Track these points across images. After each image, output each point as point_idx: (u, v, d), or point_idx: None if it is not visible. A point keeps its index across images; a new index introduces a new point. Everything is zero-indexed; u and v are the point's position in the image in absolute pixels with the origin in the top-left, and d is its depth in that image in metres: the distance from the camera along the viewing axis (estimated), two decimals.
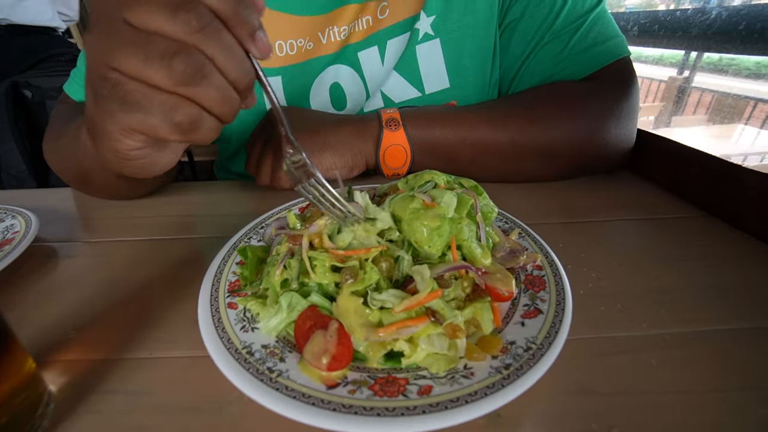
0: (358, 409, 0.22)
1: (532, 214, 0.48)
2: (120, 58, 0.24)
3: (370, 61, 0.62)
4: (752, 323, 0.32)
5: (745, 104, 2.10)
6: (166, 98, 0.25)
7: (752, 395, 0.26)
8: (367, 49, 0.61)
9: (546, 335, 0.27)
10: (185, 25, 0.24)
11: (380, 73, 0.63)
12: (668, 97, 2.13)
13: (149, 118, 0.25)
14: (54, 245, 0.46)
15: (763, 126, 1.96)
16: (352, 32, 0.61)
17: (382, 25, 0.60)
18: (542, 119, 0.53)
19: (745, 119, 2.01)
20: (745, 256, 0.40)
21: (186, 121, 0.26)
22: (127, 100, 0.25)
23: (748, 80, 1.70)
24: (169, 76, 0.24)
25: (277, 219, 0.43)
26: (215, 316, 0.30)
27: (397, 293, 0.27)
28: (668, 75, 2.25)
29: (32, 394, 0.25)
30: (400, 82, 0.62)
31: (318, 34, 0.60)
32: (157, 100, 0.25)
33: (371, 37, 0.61)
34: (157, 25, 0.24)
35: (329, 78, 0.63)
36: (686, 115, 2.23)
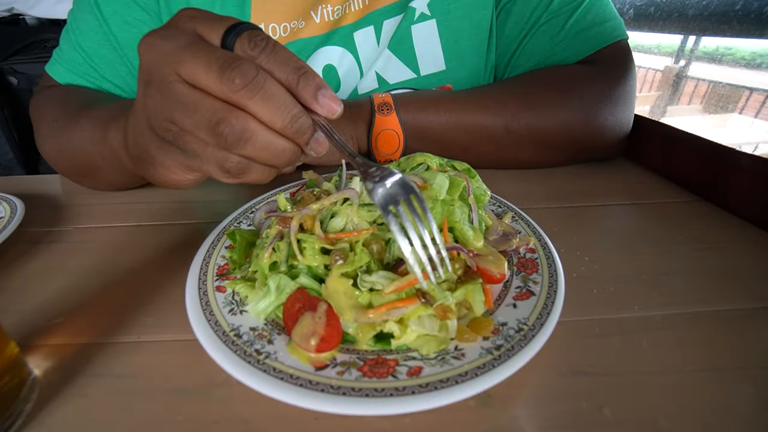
0: (347, 390, 0.22)
1: (527, 199, 0.48)
2: (175, 118, 0.27)
3: (365, 41, 0.61)
4: (740, 305, 0.32)
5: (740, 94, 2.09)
6: (218, 153, 0.27)
7: (740, 374, 0.26)
8: (364, 28, 0.60)
9: (538, 317, 0.27)
10: (230, 83, 0.25)
11: (375, 53, 0.62)
12: (664, 86, 2.13)
13: (205, 165, 0.28)
14: (41, 231, 0.46)
15: (757, 115, 1.96)
16: (346, 12, 0.59)
17: (378, 5, 0.59)
18: (537, 105, 0.52)
19: (740, 109, 2.01)
20: (735, 240, 0.40)
21: (236, 170, 0.28)
22: (187, 149, 0.28)
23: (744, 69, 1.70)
24: (216, 141, 0.26)
25: (267, 203, 0.43)
26: (203, 299, 0.29)
27: (387, 275, 0.27)
28: (664, 64, 2.24)
29: (14, 379, 0.25)
30: (395, 62, 0.61)
31: (310, 12, 0.59)
32: (210, 154, 0.27)
33: (367, 16, 0.60)
34: (205, 84, 0.25)
35: (322, 59, 0.61)
36: (682, 105, 2.23)
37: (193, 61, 0.25)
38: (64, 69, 0.58)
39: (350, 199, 0.31)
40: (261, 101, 0.25)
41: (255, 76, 0.25)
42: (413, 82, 0.63)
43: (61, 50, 0.59)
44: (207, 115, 0.25)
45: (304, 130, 0.27)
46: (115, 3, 0.55)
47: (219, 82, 0.25)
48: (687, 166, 0.50)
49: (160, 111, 0.27)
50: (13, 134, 1.13)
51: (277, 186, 0.47)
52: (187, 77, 0.26)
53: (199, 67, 0.25)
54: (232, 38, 0.26)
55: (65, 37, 0.58)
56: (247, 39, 0.26)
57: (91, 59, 0.57)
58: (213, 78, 0.25)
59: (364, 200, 0.32)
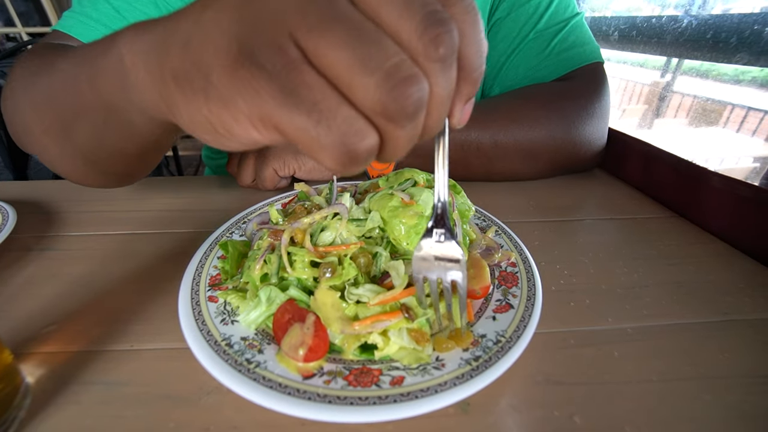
0: (332, 398, 0.23)
1: (511, 213, 0.50)
2: (319, 34, 0.16)
3: None
4: (705, 318, 0.34)
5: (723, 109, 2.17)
6: (355, 120, 0.17)
7: (703, 383, 0.28)
8: None
9: (515, 329, 0.28)
10: (432, 44, 0.17)
11: None
12: (651, 100, 2.19)
13: (318, 127, 0.17)
14: (32, 238, 0.46)
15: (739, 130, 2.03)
16: None
17: None
18: (522, 119, 0.55)
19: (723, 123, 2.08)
20: (707, 255, 0.43)
21: (362, 151, 0.18)
22: (296, 93, 0.17)
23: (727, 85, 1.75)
24: (380, 99, 0.17)
25: (259, 214, 0.44)
26: (195, 309, 0.30)
27: (374, 288, 0.28)
28: (651, 79, 2.31)
29: (8, 386, 0.25)
30: None
31: None
32: (341, 117, 0.17)
33: None
34: (396, 26, 0.17)
35: None
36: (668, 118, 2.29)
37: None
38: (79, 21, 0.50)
39: (340, 214, 0.32)
40: (444, 89, 0.18)
41: (454, 53, 0.18)
42: None
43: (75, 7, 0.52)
44: (391, 55, 0.16)
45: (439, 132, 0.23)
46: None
47: (417, 38, 0.17)
48: (664, 182, 0.53)
49: (285, 21, 0.17)
50: (2, 138, 1.12)
51: (268, 197, 0.49)
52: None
53: (396, 1, 0.17)
54: None
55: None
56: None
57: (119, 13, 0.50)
58: (411, 27, 0.17)
59: (354, 215, 0.33)
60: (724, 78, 1.43)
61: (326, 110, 0.17)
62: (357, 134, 0.17)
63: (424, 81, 0.17)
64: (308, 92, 0.17)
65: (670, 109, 2.13)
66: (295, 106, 0.17)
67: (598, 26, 0.85)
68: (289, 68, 0.17)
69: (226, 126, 0.19)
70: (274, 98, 0.17)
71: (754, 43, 0.49)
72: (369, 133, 0.18)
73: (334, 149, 0.17)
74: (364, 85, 0.16)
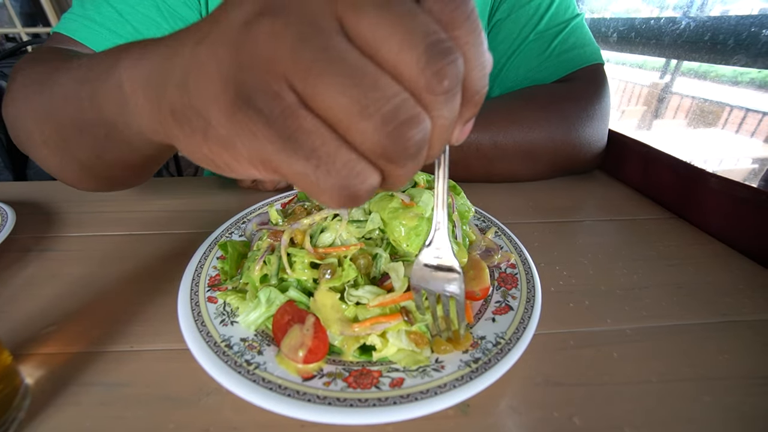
0: (332, 400, 0.23)
1: (511, 214, 0.50)
2: (314, 79, 0.16)
3: None
4: (704, 319, 0.34)
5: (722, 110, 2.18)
6: (356, 163, 0.17)
7: (703, 385, 0.28)
8: None
9: (515, 331, 0.29)
10: (436, 79, 0.16)
11: None
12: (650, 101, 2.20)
13: (317, 172, 0.17)
14: (31, 238, 0.46)
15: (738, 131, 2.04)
16: None
17: None
18: (522, 120, 0.55)
19: (722, 124, 2.09)
20: (706, 256, 0.43)
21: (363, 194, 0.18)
22: (294, 139, 0.16)
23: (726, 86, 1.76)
24: (380, 143, 0.16)
25: (258, 215, 0.44)
26: (195, 309, 0.30)
27: (373, 290, 0.28)
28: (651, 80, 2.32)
29: (7, 387, 0.25)
30: None
31: None
32: (341, 162, 0.17)
33: None
34: (395, 61, 0.16)
35: None
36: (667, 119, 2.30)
37: (380, 17, 0.16)
38: (81, 24, 0.50)
39: (339, 216, 0.32)
40: (446, 122, 0.17)
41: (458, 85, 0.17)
42: None
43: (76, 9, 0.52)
44: (389, 97, 0.16)
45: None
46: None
47: (419, 73, 0.16)
48: (663, 183, 0.53)
49: (276, 66, 0.16)
50: (1, 138, 1.12)
51: (267, 197, 0.49)
52: (357, 35, 0.16)
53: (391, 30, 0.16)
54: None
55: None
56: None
57: (122, 16, 0.50)
58: (412, 60, 0.16)
59: (353, 216, 0.33)
60: (722, 79, 1.44)
61: (325, 155, 0.16)
62: (357, 177, 0.17)
63: (426, 120, 0.17)
64: (306, 138, 0.16)
65: (669, 110, 2.13)
66: (293, 152, 0.17)
67: (597, 28, 0.85)
68: (286, 114, 0.16)
69: (227, 164, 0.19)
70: (273, 144, 0.17)
71: (751, 45, 0.49)
72: (370, 175, 0.17)
73: (334, 192, 0.17)
74: (363, 130, 0.16)
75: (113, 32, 0.50)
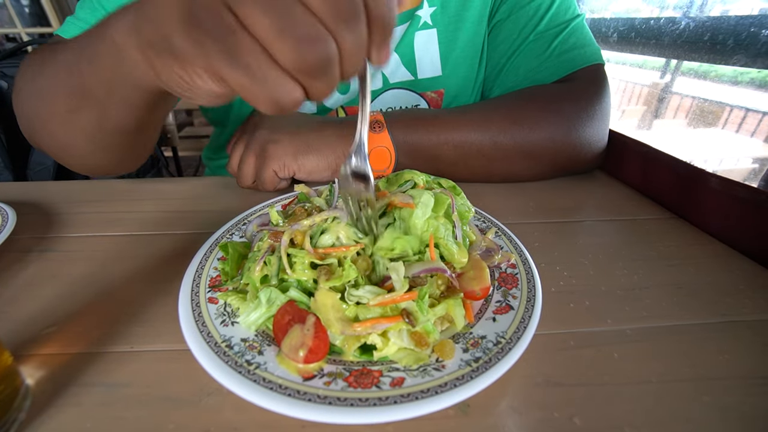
0: (333, 399, 0.23)
1: (511, 214, 0.50)
2: (247, 6, 0.21)
3: None
4: (704, 319, 0.34)
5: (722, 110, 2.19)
6: (281, 78, 0.22)
7: (702, 385, 0.28)
8: None
9: (515, 331, 0.29)
10: (335, 8, 0.21)
11: None
12: (650, 101, 2.20)
13: (252, 84, 0.22)
14: (31, 239, 0.46)
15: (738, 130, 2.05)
16: None
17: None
18: (522, 120, 0.55)
19: (723, 124, 2.10)
20: (706, 256, 0.43)
21: (288, 103, 0.23)
22: (234, 54, 0.22)
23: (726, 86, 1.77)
24: (295, 60, 0.21)
25: (259, 216, 0.44)
26: (195, 310, 0.30)
27: (374, 290, 0.29)
28: (651, 80, 2.33)
29: (8, 388, 0.25)
30: (396, 63, 0.66)
31: None
32: (271, 76, 0.22)
33: None
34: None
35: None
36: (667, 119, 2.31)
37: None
38: (78, 27, 0.54)
39: (339, 218, 0.32)
40: (354, 43, 0.22)
41: (361, 11, 0.22)
42: (410, 84, 0.68)
43: (77, 13, 0.56)
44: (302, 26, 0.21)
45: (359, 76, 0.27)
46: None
47: (322, 3, 0.21)
48: (663, 184, 0.53)
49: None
50: (1, 138, 1.12)
51: (268, 198, 0.49)
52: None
53: None
54: None
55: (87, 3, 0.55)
56: None
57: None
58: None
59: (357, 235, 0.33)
60: (722, 79, 1.44)
61: (258, 71, 0.22)
62: (284, 89, 0.23)
63: (330, 40, 0.21)
64: (244, 55, 0.22)
65: (669, 109, 2.13)
66: (235, 66, 0.22)
67: (597, 28, 0.85)
68: (228, 32, 0.21)
69: (191, 80, 0.25)
70: (219, 57, 0.22)
71: (750, 45, 0.50)
72: (294, 89, 0.23)
73: (267, 102, 0.23)
74: (282, 48, 0.21)
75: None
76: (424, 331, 0.27)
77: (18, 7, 2.93)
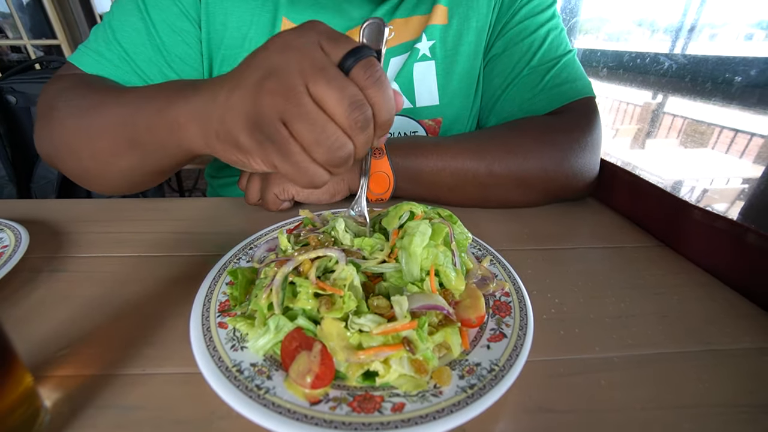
0: (338, 424, 0.25)
1: (505, 241, 0.52)
2: (295, 127, 0.30)
3: None
4: (687, 347, 0.36)
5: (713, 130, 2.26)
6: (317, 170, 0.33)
7: (684, 413, 0.30)
8: None
9: (508, 358, 0.30)
10: (354, 125, 0.31)
11: None
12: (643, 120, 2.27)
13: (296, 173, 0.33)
14: (43, 258, 0.47)
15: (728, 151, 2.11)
16: None
17: (388, 45, 0.67)
18: (517, 150, 0.58)
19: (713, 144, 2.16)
20: (691, 285, 0.45)
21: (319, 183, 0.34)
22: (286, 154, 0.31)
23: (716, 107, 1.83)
24: (327, 161, 0.32)
25: (267, 242, 0.46)
26: (206, 335, 0.32)
27: (375, 318, 0.30)
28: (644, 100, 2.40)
29: (29, 409, 0.27)
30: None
31: None
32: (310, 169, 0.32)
33: None
34: (332, 111, 0.30)
35: None
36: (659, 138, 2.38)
37: (327, 87, 0.29)
38: (93, 59, 0.58)
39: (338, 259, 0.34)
40: (365, 144, 0.33)
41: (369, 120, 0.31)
42: (409, 111, 0.71)
43: (91, 43, 0.59)
44: (332, 138, 0.31)
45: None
46: (166, 11, 0.58)
47: (346, 118, 0.30)
48: (650, 213, 0.56)
49: (276, 111, 0.30)
50: (6, 151, 1.14)
51: (274, 221, 0.51)
52: (315, 95, 0.30)
53: (332, 95, 0.30)
54: (353, 62, 0.31)
55: (100, 32, 0.59)
56: (364, 67, 0.31)
57: (128, 55, 0.58)
58: (341, 111, 0.30)
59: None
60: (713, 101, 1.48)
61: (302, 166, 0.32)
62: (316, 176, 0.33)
63: (349, 143, 0.32)
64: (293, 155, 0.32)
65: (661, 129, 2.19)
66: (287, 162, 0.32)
67: (588, 61, 0.89)
68: (283, 140, 0.31)
69: (248, 162, 0.35)
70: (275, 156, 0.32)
71: (726, 89, 0.53)
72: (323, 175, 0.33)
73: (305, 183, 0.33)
74: (318, 152, 0.31)
75: (117, 67, 0.58)
76: (423, 359, 0.29)
77: (23, 19, 2.97)
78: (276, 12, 0.62)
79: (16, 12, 2.92)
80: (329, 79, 0.30)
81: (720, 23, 0.82)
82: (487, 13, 0.66)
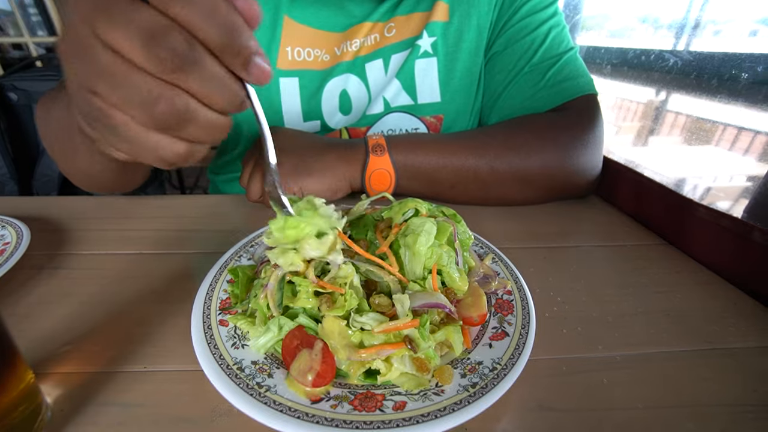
0: (339, 422, 0.25)
1: (507, 239, 0.52)
2: (100, 88, 0.23)
3: (374, 71, 0.69)
4: (690, 346, 0.36)
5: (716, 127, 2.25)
6: (153, 137, 0.25)
7: (686, 412, 0.30)
8: (374, 61, 0.68)
9: (510, 356, 0.30)
10: (161, 64, 0.22)
11: (383, 82, 0.69)
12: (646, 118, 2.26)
13: (136, 150, 0.25)
14: (44, 255, 0.47)
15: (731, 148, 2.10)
16: (362, 46, 0.67)
17: (388, 42, 0.68)
18: (518, 147, 0.58)
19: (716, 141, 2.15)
20: (693, 283, 0.45)
21: (172, 157, 0.26)
22: (115, 130, 0.24)
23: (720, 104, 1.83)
24: (148, 121, 0.23)
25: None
26: (207, 332, 0.32)
27: (377, 316, 0.30)
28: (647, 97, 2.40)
29: (31, 406, 0.27)
30: (398, 88, 0.69)
31: (334, 48, 0.67)
32: (141, 139, 0.24)
33: (378, 51, 0.68)
34: (130, 57, 0.22)
35: (339, 85, 0.68)
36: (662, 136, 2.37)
37: (110, 25, 0.21)
38: None
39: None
40: (201, 83, 0.23)
41: (188, 54, 0.22)
42: (410, 108, 0.71)
43: None
44: (141, 91, 0.22)
45: (241, 102, 0.26)
46: None
47: (146, 60, 0.22)
48: (654, 211, 0.55)
49: (81, 79, 0.24)
50: (8, 148, 1.14)
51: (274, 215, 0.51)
52: (106, 42, 0.22)
53: (118, 33, 0.21)
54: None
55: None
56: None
57: None
58: (137, 52, 0.21)
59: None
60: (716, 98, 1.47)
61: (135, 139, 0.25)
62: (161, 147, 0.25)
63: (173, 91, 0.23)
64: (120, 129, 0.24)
65: (664, 126, 2.18)
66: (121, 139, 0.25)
67: (591, 58, 0.89)
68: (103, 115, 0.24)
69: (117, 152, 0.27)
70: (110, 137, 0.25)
71: (732, 87, 0.53)
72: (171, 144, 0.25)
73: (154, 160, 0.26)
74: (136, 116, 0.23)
75: None
76: (425, 357, 0.29)
77: (25, 16, 2.97)
78: (277, 10, 0.62)
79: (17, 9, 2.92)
80: (111, 14, 0.21)
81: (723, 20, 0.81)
82: (489, 10, 0.66)
